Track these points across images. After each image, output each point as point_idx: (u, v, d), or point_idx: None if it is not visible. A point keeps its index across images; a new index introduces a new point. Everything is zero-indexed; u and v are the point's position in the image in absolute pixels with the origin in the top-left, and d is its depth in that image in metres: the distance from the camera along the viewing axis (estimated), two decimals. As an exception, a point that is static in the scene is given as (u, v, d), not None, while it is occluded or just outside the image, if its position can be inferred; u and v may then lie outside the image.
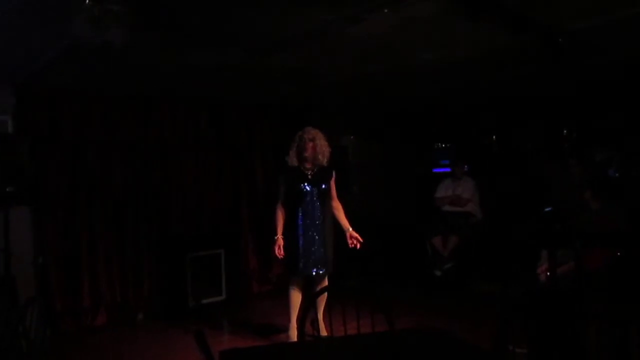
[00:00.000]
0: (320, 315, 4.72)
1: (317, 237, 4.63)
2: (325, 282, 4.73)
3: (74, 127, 5.42)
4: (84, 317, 5.45)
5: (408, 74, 5.18)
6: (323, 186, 4.65)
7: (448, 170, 7.40)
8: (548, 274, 4.01)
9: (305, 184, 4.64)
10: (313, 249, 4.60)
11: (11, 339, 3.89)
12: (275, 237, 4.60)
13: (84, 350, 4.88)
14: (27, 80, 4.94)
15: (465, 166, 7.10)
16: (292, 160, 4.69)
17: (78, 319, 5.42)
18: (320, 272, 4.62)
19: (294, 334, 4.73)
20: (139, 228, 5.86)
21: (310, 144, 4.63)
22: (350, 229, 4.67)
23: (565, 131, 6.54)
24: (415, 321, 4.97)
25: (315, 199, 4.64)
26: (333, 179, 4.74)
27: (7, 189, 4.54)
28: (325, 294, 4.37)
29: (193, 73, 4.90)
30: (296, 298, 4.73)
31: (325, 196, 4.69)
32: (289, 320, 4.78)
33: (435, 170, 7.96)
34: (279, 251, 4.56)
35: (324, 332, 4.66)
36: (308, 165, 4.68)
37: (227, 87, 5.58)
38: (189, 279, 5.86)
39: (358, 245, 4.60)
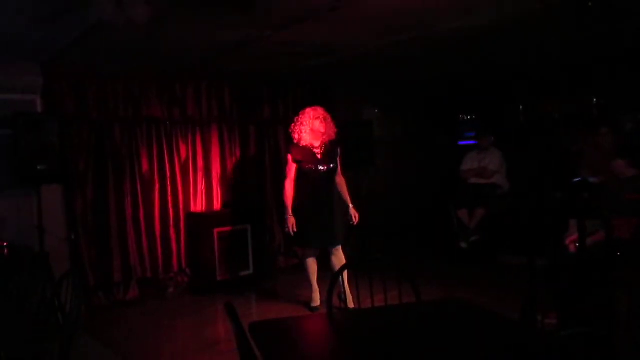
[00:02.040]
0: (346, 288, 4.79)
1: (328, 213, 4.84)
2: (341, 252, 4.92)
3: (100, 104, 5.48)
4: (116, 292, 5.59)
5: (431, 44, 5.09)
6: (332, 165, 4.87)
7: (473, 142, 7.31)
8: (577, 244, 3.95)
9: (317, 162, 4.83)
10: (325, 224, 4.82)
11: (48, 313, 4.02)
12: (288, 216, 4.81)
13: (116, 324, 5.02)
14: (54, 60, 4.99)
15: (492, 138, 7.00)
16: (305, 139, 4.84)
17: (110, 294, 5.57)
18: (333, 245, 4.87)
19: (317, 297, 5.03)
20: (166, 204, 5.95)
21: (324, 124, 4.83)
22: (351, 206, 4.95)
23: (595, 99, 6.37)
24: (442, 293, 4.99)
25: (325, 176, 4.86)
26: (339, 156, 4.95)
27: (38, 168, 4.65)
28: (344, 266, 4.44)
29: (215, 48, 4.89)
30: (313, 266, 5.03)
31: (334, 173, 4.91)
32: (310, 286, 5.06)
33: (461, 142, 7.86)
34: (293, 229, 4.78)
35: (351, 304, 4.72)
36: (318, 144, 4.85)
37: (250, 62, 5.56)
38: (217, 254, 5.94)
39: (355, 222, 4.91)
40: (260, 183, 6.77)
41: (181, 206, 6.07)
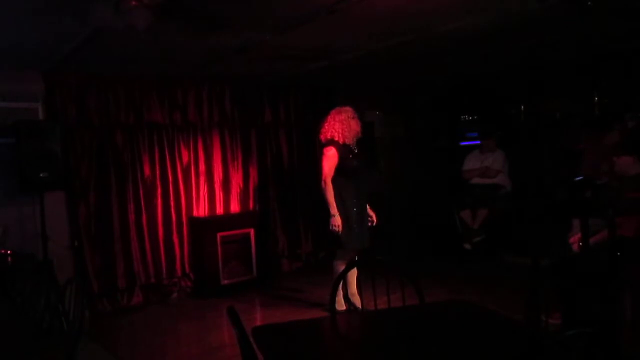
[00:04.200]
0: (354, 289, 4.76)
1: (366, 210, 4.82)
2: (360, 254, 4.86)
3: (102, 111, 5.50)
4: (120, 298, 5.60)
5: (432, 45, 5.08)
6: (365, 161, 4.88)
7: (475, 143, 7.29)
8: (580, 243, 3.94)
9: (357, 160, 4.79)
10: (366, 221, 4.79)
11: (52, 318, 4.02)
12: (335, 214, 4.63)
13: (120, 330, 5.02)
14: (55, 67, 5.01)
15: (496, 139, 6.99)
16: (346, 137, 4.77)
17: (114, 300, 5.57)
18: (368, 244, 4.81)
19: (341, 301, 4.83)
20: (168, 209, 5.96)
21: (358, 122, 4.84)
22: (368, 207, 4.87)
23: (596, 98, 6.35)
24: (446, 294, 4.98)
25: (363, 173, 4.82)
26: None
27: (41, 175, 4.66)
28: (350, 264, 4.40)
29: (215, 53, 4.89)
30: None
31: (366, 170, 4.89)
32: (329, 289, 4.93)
33: (463, 143, 7.85)
34: (339, 228, 4.62)
35: (359, 305, 4.69)
36: (353, 141, 4.81)
37: (250, 66, 5.57)
38: (220, 258, 5.94)
39: (375, 222, 4.86)
40: (263, 186, 6.77)
41: (184, 211, 6.08)
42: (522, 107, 7.25)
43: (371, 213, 4.86)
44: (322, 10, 3.76)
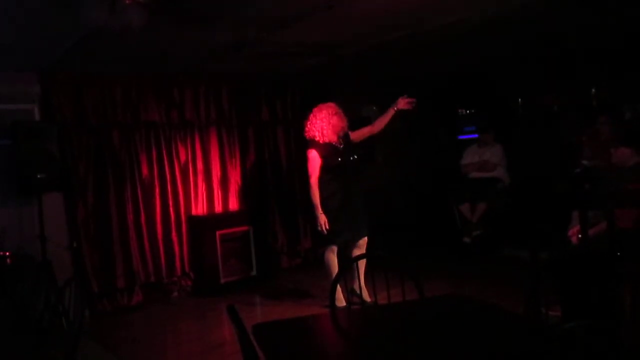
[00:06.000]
0: (362, 282, 4.75)
1: (356, 206, 4.84)
2: (364, 248, 4.85)
3: (98, 110, 5.48)
4: (119, 298, 5.59)
5: (429, 40, 5.08)
6: (355, 156, 4.88)
7: (473, 137, 7.29)
8: (580, 235, 3.94)
9: (342, 156, 4.81)
10: (355, 217, 4.80)
11: (51, 318, 4.02)
12: (319, 214, 4.73)
13: (121, 329, 5.01)
14: (51, 67, 5.00)
15: (493, 133, 6.98)
16: (328, 135, 4.80)
17: (114, 300, 5.56)
18: (362, 236, 4.84)
19: (341, 297, 4.80)
20: (167, 208, 5.95)
21: (341, 117, 4.86)
22: (394, 105, 4.99)
23: (593, 90, 6.35)
24: (445, 289, 4.97)
25: (351, 169, 4.84)
26: (352, 135, 5.01)
27: (39, 176, 4.64)
28: (365, 260, 4.39)
29: (212, 50, 4.88)
30: (336, 263, 4.90)
31: (356, 164, 4.89)
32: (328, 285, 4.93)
33: (461, 137, 7.84)
34: (325, 227, 4.70)
35: (368, 298, 4.67)
36: (338, 138, 4.84)
37: (247, 63, 5.56)
38: (220, 256, 5.94)
39: (413, 103, 5.02)
40: (261, 184, 6.76)
41: (182, 210, 6.07)
42: (520, 100, 7.24)
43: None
44: (320, 6, 3.76)
